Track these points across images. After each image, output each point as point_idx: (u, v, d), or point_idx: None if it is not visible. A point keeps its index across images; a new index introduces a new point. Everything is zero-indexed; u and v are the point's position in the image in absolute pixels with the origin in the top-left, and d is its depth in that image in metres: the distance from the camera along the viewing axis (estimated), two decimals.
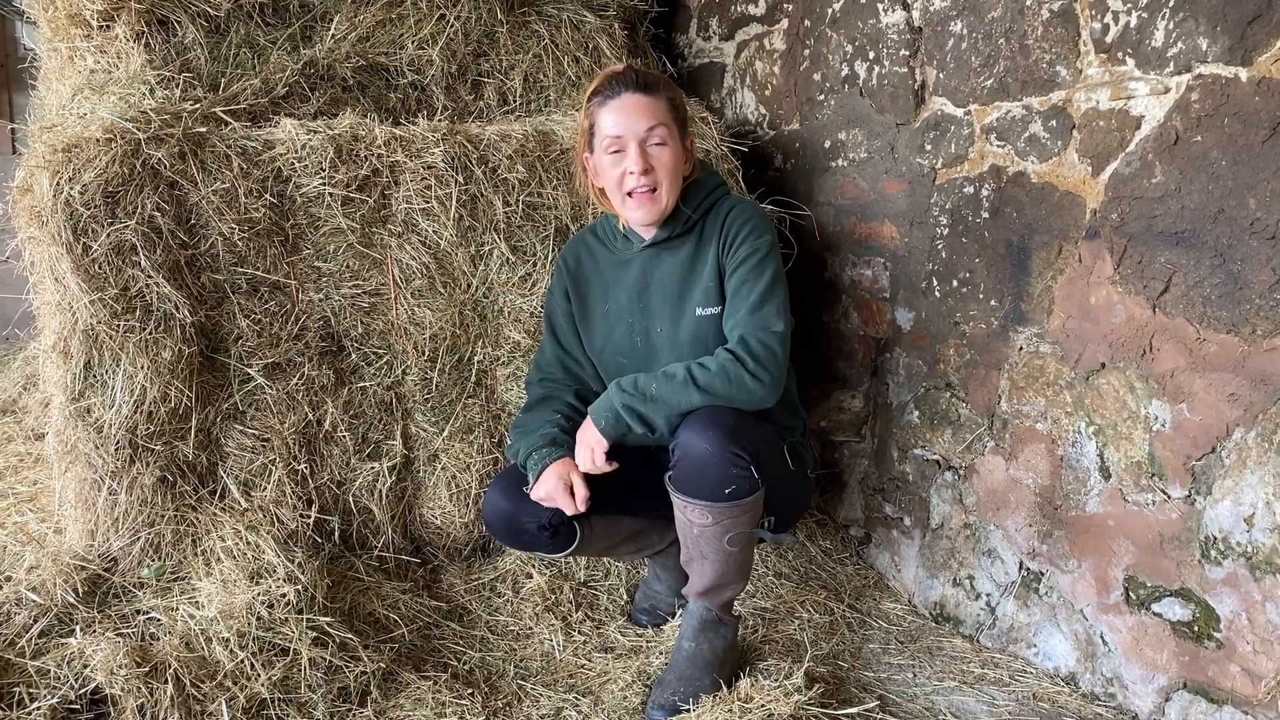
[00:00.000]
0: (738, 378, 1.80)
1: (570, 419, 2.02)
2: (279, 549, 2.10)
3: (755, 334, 1.84)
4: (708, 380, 1.80)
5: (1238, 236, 1.61)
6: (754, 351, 1.82)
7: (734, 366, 1.81)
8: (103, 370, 2.07)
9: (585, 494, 1.87)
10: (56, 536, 2.29)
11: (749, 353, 1.82)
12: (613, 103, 1.93)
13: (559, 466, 1.90)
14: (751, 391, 1.80)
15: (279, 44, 2.55)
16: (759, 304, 1.87)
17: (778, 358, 1.84)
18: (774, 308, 1.88)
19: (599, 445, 1.87)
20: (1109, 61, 1.80)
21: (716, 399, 1.80)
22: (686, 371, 1.82)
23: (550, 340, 2.16)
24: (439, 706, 1.87)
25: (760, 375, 1.81)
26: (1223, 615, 1.70)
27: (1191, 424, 1.72)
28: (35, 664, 1.79)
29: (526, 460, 1.96)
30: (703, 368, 1.82)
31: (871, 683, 2.04)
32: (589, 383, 2.14)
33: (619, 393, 1.85)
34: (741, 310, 1.88)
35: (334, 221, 2.24)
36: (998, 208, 2.08)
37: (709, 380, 1.80)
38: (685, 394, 1.80)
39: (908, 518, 2.44)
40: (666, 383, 1.82)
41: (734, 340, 1.87)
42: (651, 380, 1.84)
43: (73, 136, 2.03)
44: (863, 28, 2.43)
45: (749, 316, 1.87)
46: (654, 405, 1.82)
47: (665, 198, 1.93)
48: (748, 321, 1.87)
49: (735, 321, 1.89)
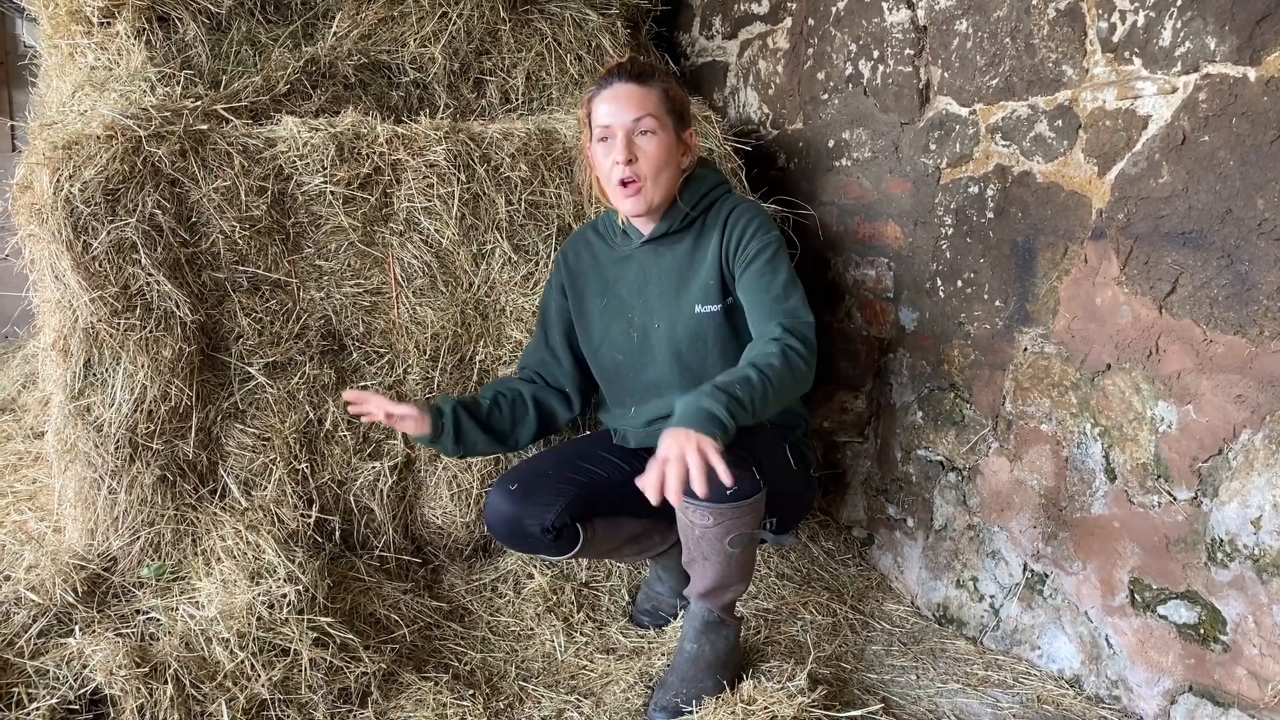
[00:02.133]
0: (799, 368, 1.70)
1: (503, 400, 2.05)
2: (279, 549, 2.09)
3: (792, 326, 1.76)
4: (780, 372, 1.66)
5: (1245, 237, 1.60)
6: (802, 336, 1.74)
7: (794, 357, 1.70)
8: (103, 369, 2.06)
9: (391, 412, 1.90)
10: (56, 535, 2.29)
11: (799, 338, 1.73)
12: (605, 92, 1.91)
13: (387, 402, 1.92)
14: (805, 379, 1.72)
15: (280, 41, 2.54)
16: (784, 296, 1.83)
17: (813, 348, 1.76)
18: (798, 299, 1.83)
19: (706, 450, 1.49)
20: (1116, 61, 1.79)
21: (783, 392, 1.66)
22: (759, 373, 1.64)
23: (539, 335, 2.16)
24: (440, 707, 1.86)
25: (810, 360, 1.73)
26: (1229, 618, 1.69)
27: (1198, 425, 1.71)
28: (34, 664, 1.78)
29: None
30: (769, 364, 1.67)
31: (874, 684, 2.03)
32: (563, 384, 2.12)
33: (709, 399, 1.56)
34: (769, 303, 1.83)
35: (335, 220, 2.23)
36: (1003, 208, 2.07)
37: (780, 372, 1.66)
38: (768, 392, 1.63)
39: (911, 519, 2.43)
40: (746, 387, 1.61)
41: (777, 331, 1.76)
42: (731, 387, 1.59)
43: (73, 134, 2.02)
44: (867, 26, 2.42)
45: (778, 307, 1.81)
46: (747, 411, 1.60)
47: (651, 189, 1.89)
48: (780, 312, 1.80)
49: (767, 313, 1.81)
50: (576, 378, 2.14)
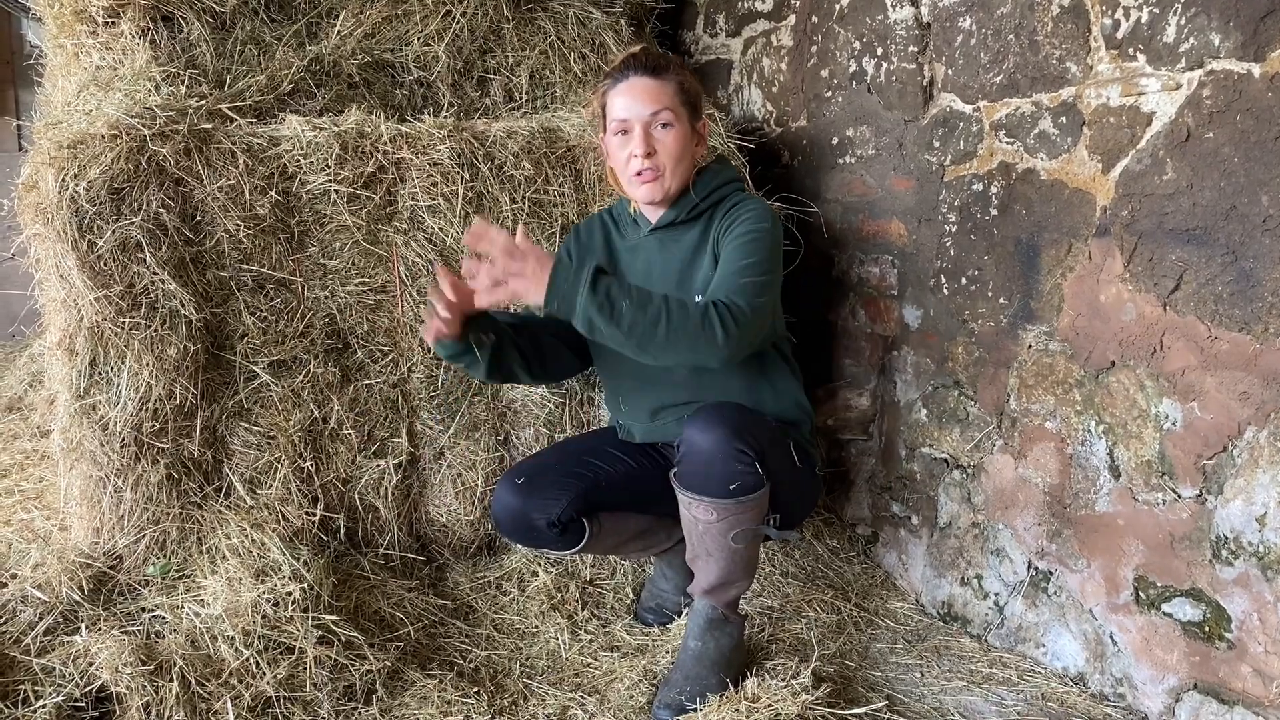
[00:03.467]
0: (711, 321, 1.68)
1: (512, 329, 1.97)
2: (284, 547, 2.10)
3: (733, 296, 1.75)
4: (681, 318, 1.67)
5: (1250, 234, 1.60)
6: (731, 305, 1.71)
7: (711, 311, 1.69)
8: (108, 367, 2.07)
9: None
10: (62, 534, 2.29)
11: (725, 304, 1.71)
12: (621, 85, 1.92)
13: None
14: (716, 341, 1.68)
15: (284, 40, 2.54)
16: (740, 273, 1.80)
17: (748, 323, 1.72)
18: (754, 282, 1.79)
19: (517, 293, 1.64)
20: (1120, 58, 1.78)
21: (679, 339, 1.67)
22: (664, 302, 1.68)
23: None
24: (444, 705, 1.86)
25: (729, 328, 1.69)
26: (1234, 616, 1.69)
27: (1203, 423, 1.71)
28: (40, 662, 1.79)
29: None
30: (681, 306, 1.69)
31: (879, 682, 2.03)
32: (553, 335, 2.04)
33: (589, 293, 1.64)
34: (728, 276, 1.81)
35: (339, 218, 2.23)
36: (1007, 205, 2.06)
37: (682, 317, 1.67)
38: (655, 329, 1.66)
39: (915, 516, 2.43)
40: (639, 309, 1.66)
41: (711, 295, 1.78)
42: (625, 294, 1.67)
43: (78, 133, 2.03)
44: (870, 24, 2.41)
45: (730, 280, 1.79)
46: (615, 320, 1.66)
47: (669, 178, 1.92)
48: (728, 284, 1.79)
49: (717, 285, 1.81)
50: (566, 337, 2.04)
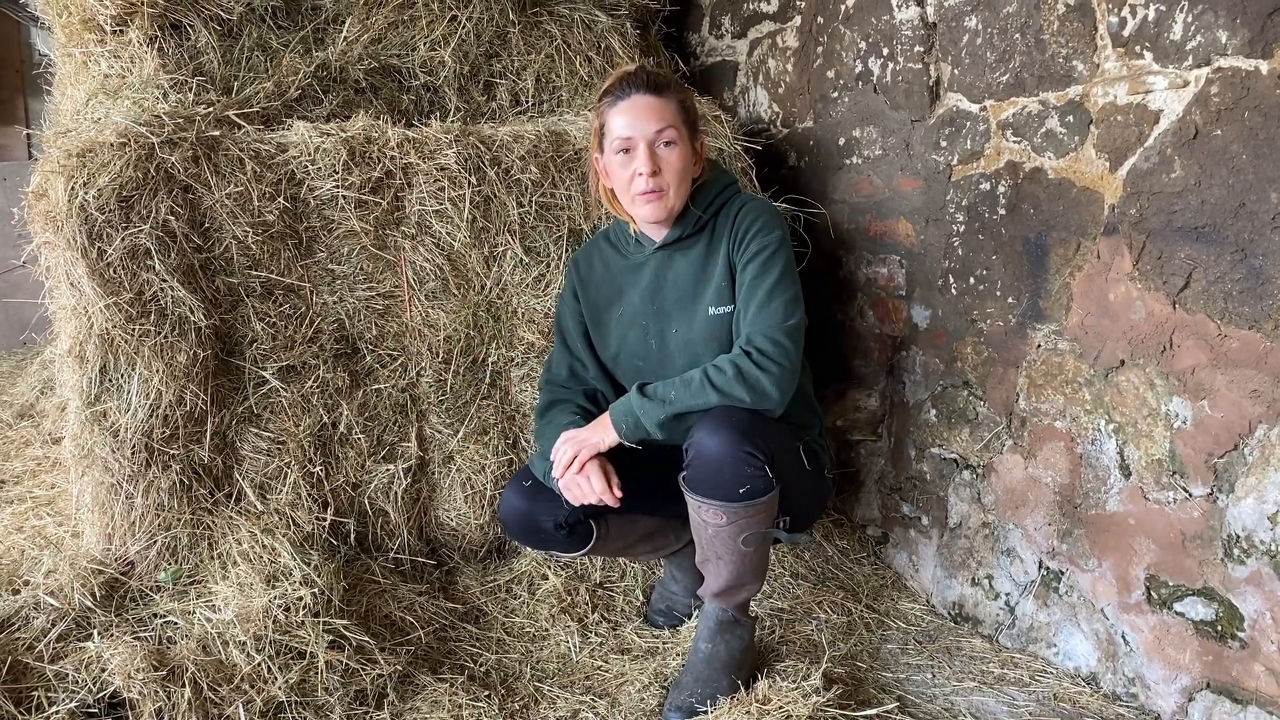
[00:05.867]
0: (751, 375, 1.79)
1: (587, 417, 2.01)
2: (295, 552, 2.10)
3: (764, 331, 1.84)
4: (723, 381, 1.79)
5: (1259, 231, 1.59)
6: (762, 348, 1.81)
7: (746, 363, 1.80)
8: (118, 374, 2.07)
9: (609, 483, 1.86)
10: (74, 540, 2.30)
11: (758, 349, 1.81)
12: (623, 103, 1.92)
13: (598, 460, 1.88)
14: (764, 389, 1.79)
15: (291, 47, 2.55)
16: (767, 300, 1.86)
17: (787, 352, 1.82)
18: (781, 303, 1.86)
19: (598, 446, 1.85)
20: (1127, 55, 1.78)
21: (730, 400, 1.79)
22: (703, 374, 1.81)
23: (559, 345, 2.15)
24: (456, 709, 1.86)
25: (770, 369, 1.79)
26: (1246, 614, 1.68)
27: (1213, 421, 1.70)
28: (53, 668, 1.80)
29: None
30: (717, 370, 1.81)
31: (890, 683, 2.02)
32: (595, 385, 2.12)
33: (639, 398, 1.84)
34: (751, 308, 1.88)
35: (347, 224, 2.24)
36: (1014, 204, 2.06)
37: (724, 381, 1.79)
38: (703, 396, 1.79)
39: (925, 517, 2.43)
40: (684, 387, 1.81)
41: (743, 340, 1.86)
42: (671, 386, 1.83)
43: (87, 141, 2.03)
44: (876, 24, 2.41)
45: (758, 314, 1.86)
46: (670, 407, 1.81)
47: (674, 198, 1.92)
48: (756, 319, 1.86)
49: (745, 320, 1.89)
50: (604, 379, 2.12)
